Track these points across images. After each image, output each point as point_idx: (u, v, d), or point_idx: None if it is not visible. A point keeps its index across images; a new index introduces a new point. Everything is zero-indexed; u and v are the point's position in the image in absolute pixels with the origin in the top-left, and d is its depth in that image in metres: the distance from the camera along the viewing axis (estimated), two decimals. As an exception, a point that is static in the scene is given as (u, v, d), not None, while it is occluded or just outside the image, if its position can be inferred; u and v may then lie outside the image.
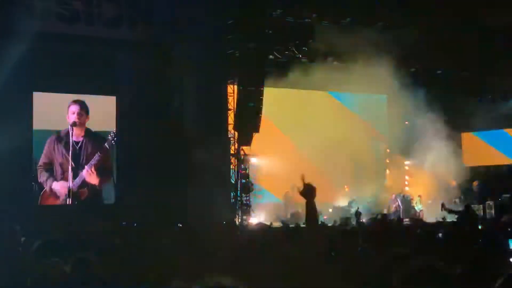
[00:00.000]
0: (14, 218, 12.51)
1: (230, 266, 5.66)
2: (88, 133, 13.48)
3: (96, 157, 12.29)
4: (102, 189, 13.74)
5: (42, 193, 12.54)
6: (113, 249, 6.96)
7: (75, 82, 17.21)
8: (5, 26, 16.01)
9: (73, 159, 12.51)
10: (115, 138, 14.13)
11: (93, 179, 11.60)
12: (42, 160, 13.22)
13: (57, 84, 17.33)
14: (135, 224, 14.24)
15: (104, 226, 12.13)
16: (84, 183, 12.92)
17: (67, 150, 12.42)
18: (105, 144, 13.24)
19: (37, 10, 16.49)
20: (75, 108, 14.10)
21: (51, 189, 12.55)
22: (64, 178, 12.48)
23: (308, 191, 4.88)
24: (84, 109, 14.13)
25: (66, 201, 12.68)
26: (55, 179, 12.62)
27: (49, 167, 12.46)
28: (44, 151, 13.24)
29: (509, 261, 6.02)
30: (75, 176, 12.19)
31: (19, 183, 15.63)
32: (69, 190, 12.40)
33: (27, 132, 16.70)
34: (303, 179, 4.98)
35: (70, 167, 11.83)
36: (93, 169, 11.78)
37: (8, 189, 15.09)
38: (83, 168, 12.23)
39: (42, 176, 12.92)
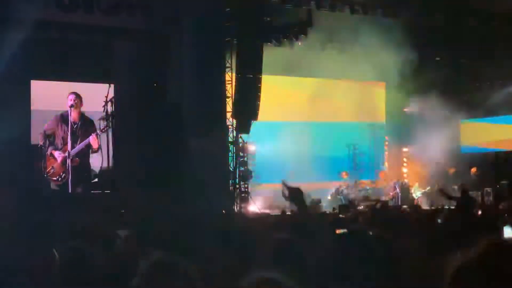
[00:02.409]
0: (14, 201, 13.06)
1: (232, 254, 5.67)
2: (82, 117, 15.75)
3: (94, 134, 15.30)
4: (90, 159, 16.01)
5: (45, 155, 15.40)
6: (111, 238, 6.96)
7: (73, 70, 17.24)
8: (3, 14, 15.99)
9: (71, 135, 15.40)
10: (104, 129, 15.53)
11: (95, 143, 15.10)
12: (45, 128, 15.79)
13: (55, 72, 17.36)
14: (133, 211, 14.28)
15: (102, 214, 12.20)
16: (77, 154, 15.43)
17: (67, 127, 15.19)
18: (96, 131, 15.61)
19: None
20: (71, 96, 15.83)
21: (51, 153, 15.34)
22: (63, 148, 15.23)
23: (296, 196, 4.49)
24: (79, 98, 15.82)
25: (61, 166, 15.46)
26: (55, 148, 15.46)
27: (51, 137, 15.43)
28: (50, 123, 15.79)
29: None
30: (72, 148, 15.41)
31: (18, 169, 15.84)
32: (65, 158, 15.35)
33: (25, 120, 16.77)
34: (285, 184, 4.58)
35: (69, 139, 15.05)
36: (94, 137, 14.95)
37: (6, 175, 15.38)
38: (79, 142, 15.39)
39: (42, 140, 15.69)
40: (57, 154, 15.35)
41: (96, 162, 15.85)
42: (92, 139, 15.08)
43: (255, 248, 4.82)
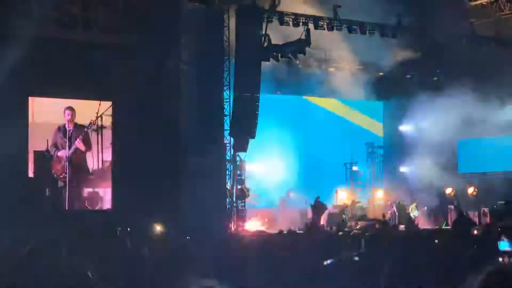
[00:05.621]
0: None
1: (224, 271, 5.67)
2: (75, 125, 17.50)
3: (80, 137, 17.39)
4: (86, 158, 17.77)
5: (53, 159, 17.54)
6: (108, 254, 6.94)
7: (71, 87, 17.23)
8: (2, 31, 16.04)
9: (68, 140, 17.42)
10: (90, 126, 17.51)
11: (81, 147, 17.36)
12: (52, 140, 17.69)
13: (54, 89, 17.36)
14: (129, 229, 14.22)
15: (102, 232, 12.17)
16: (74, 151, 17.38)
17: (65, 134, 17.33)
18: (84, 130, 17.56)
19: (35, 15, 16.51)
20: (68, 111, 17.42)
21: (57, 156, 17.42)
22: (63, 150, 17.33)
23: (320, 210, 4.87)
24: (73, 112, 17.40)
25: (64, 166, 17.32)
26: (59, 150, 17.54)
27: (55, 145, 17.54)
28: (53, 136, 17.62)
29: (499, 260, 6.18)
30: (69, 148, 17.54)
31: (15, 182, 16.26)
32: (66, 157, 17.35)
33: (22, 137, 16.79)
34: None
35: (67, 144, 17.25)
36: (80, 142, 17.21)
37: (4, 190, 15.55)
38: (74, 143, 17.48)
39: (48, 147, 17.67)
40: (60, 154, 17.34)
41: (90, 164, 17.80)
42: (78, 143, 17.21)
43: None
